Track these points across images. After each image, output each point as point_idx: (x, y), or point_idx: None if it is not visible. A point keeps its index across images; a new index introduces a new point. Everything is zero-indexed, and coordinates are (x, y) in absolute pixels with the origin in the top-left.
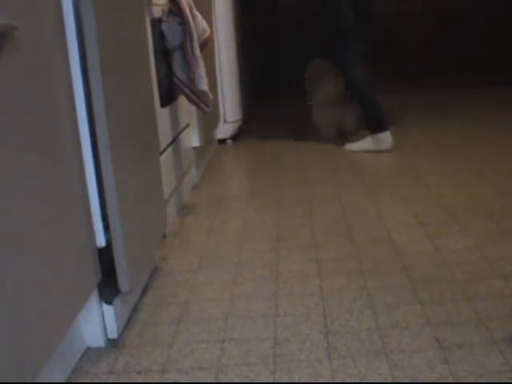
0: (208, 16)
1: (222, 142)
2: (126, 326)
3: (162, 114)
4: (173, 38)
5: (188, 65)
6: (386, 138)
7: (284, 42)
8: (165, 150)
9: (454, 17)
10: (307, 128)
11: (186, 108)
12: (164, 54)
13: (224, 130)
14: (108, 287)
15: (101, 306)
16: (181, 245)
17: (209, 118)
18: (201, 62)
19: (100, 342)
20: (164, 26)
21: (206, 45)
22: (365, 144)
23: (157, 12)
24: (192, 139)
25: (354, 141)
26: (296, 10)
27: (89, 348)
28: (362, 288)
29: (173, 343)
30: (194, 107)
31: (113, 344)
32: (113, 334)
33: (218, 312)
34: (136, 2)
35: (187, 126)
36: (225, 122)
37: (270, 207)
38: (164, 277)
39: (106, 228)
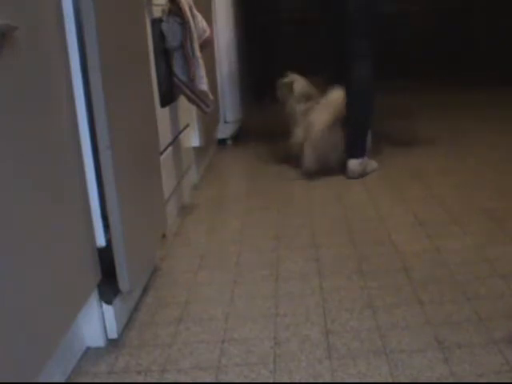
0: (208, 16)
1: (222, 142)
2: (126, 326)
3: (162, 114)
4: (173, 38)
5: (188, 65)
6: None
7: (284, 42)
8: (165, 149)
9: (453, 16)
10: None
11: (185, 108)
12: (164, 54)
13: (224, 130)
14: (108, 287)
15: (101, 306)
16: (181, 245)
17: (209, 118)
18: (201, 62)
19: (100, 342)
20: (164, 26)
21: (206, 45)
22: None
23: (157, 12)
24: (192, 139)
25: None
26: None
27: (89, 348)
28: (362, 288)
29: (173, 343)
30: (194, 107)
31: (113, 344)
32: (113, 334)
33: (218, 312)
34: (136, 2)
35: (187, 126)
36: (225, 122)
37: (270, 207)
38: (164, 277)
39: (106, 228)
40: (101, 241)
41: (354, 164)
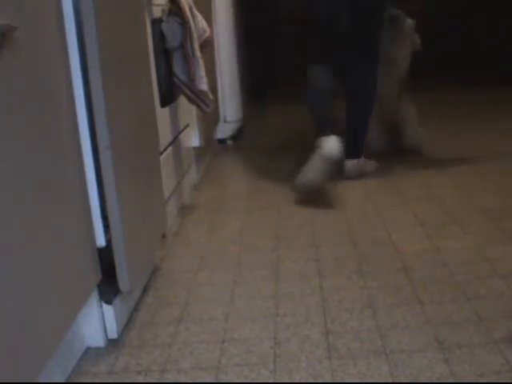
0: (208, 16)
1: (222, 142)
2: (126, 326)
3: (162, 114)
4: (173, 38)
5: (188, 65)
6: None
7: (284, 42)
8: (165, 149)
9: (453, 16)
10: (307, 128)
11: (185, 108)
12: (164, 54)
13: (224, 130)
14: (108, 287)
15: (101, 306)
16: (181, 245)
17: (209, 117)
18: (201, 62)
19: (100, 342)
20: (164, 26)
21: (206, 45)
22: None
23: (157, 12)
24: (192, 139)
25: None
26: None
27: (89, 348)
28: (362, 288)
29: (173, 343)
30: (194, 107)
31: (113, 344)
32: (113, 334)
33: (218, 312)
34: (136, 2)
35: (187, 126)
36: (225, 121)
37: (270, 207)
38: (164, 277)
39: (106, 228)
40: (101, 241)
41: (350, 165)
